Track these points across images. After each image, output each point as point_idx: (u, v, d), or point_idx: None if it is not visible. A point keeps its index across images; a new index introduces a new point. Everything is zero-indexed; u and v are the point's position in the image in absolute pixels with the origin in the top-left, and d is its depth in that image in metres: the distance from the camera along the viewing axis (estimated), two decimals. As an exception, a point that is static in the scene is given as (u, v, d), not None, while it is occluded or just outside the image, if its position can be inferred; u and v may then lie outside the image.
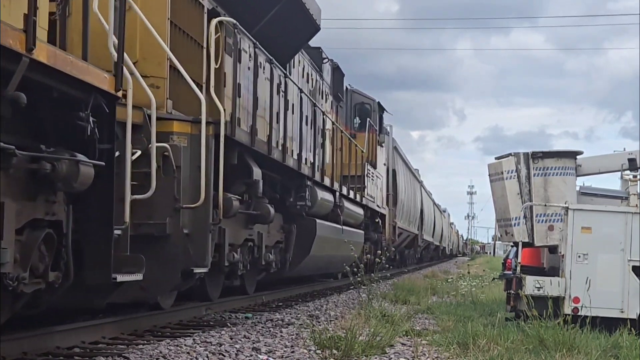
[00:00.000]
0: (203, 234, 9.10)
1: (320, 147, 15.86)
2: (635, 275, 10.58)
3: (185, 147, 8.87)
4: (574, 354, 7.74)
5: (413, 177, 38.32)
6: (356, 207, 19.47)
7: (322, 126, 16.32)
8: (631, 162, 11.71)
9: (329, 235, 16.08)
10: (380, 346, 7.92)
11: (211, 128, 9.16)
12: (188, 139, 8.92)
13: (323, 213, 15.72)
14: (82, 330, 7.83)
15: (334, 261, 17.42)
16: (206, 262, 9.14)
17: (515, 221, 11.33)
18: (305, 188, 14.09)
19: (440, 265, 51.15)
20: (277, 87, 12.22)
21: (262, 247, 12.20)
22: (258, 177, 10.94)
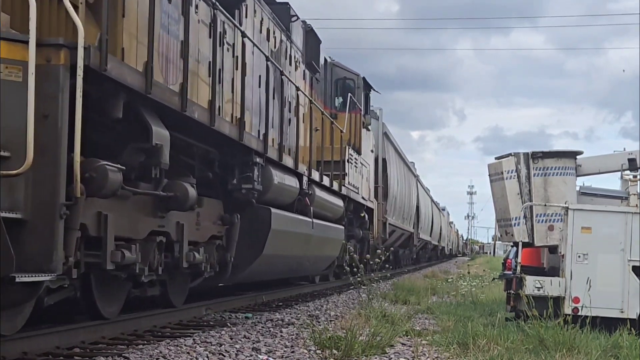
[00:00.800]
0: (46, 219, 6.20)
1: (288, 123, 13.05)
2: (635, 275, 10.58)
3: (17, 84, 5.97)
4: (574, 354, 7.74)
5: (407, 170, 35.00)
6: (333, 198, 16.69)
7: (293, 100, 13.71)
8: (631, 162, 11.71)
9: (292, 230, 13.10)
10: (380, 346, 7.92)
11: (63, 55, 6.23)
12: (25, 70, 5.96)
13: (283, 201, 12.82)
14: (82, 330, 7.82)
15: (305, 262, 15.08)
16: (53, 263, 6.20)
17: (515, 221, 11.33)
18: (254, 167, 11.04)
19: (440, 265, 50.99)
20: (220, 37, 9.58)
21: (184, 243, 9.33)
22: (161, 141, 7.91)
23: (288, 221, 12.82)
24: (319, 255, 14.32)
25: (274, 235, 11.82)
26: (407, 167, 35.35)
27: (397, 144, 31.84)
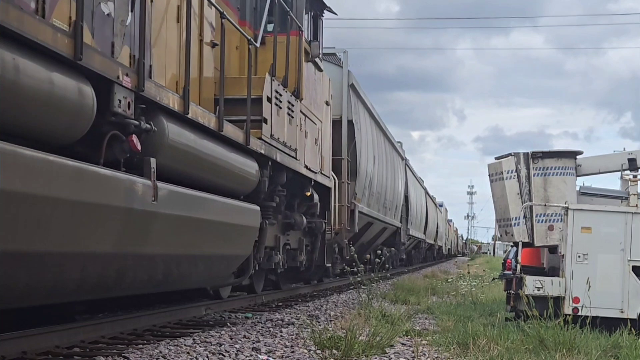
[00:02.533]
0: None
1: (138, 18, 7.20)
2: (635, 275, 10.57)
3: None
4: (574, 354, 7.74)
5: (390, 146, 27.12)
6: (234, 155, 9.90)
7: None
8: (631, 162, 11.70)
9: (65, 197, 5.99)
10: (380, 346, 7.92)
11: None
12: None
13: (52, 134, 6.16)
14: (82, 329, 7.82)
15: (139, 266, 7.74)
16: None
17: (515, 221, 11.33)
18: None
19: (439, 265, 50.81)
20: None
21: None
22: None
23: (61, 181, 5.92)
24: (188, 253, 8.42)
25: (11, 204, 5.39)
26: (390, 142, 27.31)
27: (372, 106, 23.23)
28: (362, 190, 20.48)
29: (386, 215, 25.76)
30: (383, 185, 24.60)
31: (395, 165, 28.39)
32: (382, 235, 26.78)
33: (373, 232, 24.80)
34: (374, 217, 23.09)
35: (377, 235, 25.96)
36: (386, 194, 25.43)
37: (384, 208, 25.15)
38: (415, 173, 39.54)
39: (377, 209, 23.76)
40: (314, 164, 14.19)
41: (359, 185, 19.94)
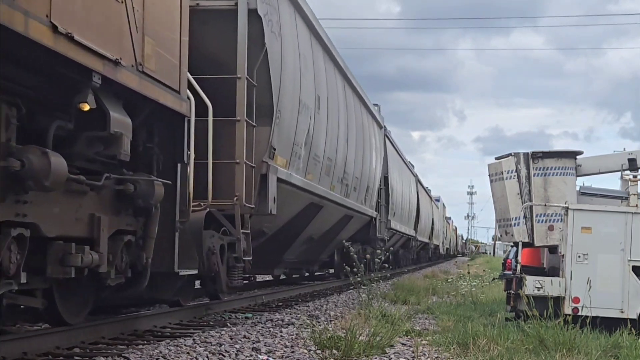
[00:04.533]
0: None
1: None
2: (635, 275, 10.58)
3: None
4: (574, 354, 7.74)
5: (359, 102, 19.40)
6: None
7: None
8: (631, 162, 11.71)
9: None
10: (380, 346, 7.92)
11: None
12: None
13: None
14: (82, 330, 7.82)
15: None
16: None
17: (515, 221, 11.33)
18: None
19: (439, 265, 50.67)
20: None
21: None
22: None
23: None
24: None
25: None
26: (358, 96, 19.41)
27: (320, 24, 14.98)
28: (290, 147, 12.32)
29: (349, 198, 17.92)
30: (341, 152, 16.59)
31: (367, 130, 20.44)
32: (346, 226, 19.07)
33: (327, 221, 16.84)
34: (324, 197, 15.01)
35: (336, 226, 18.11)
36: (347, 166, 17.45)
37: (343, 186, 17.18)
38: (400, 152, 31.68)
39: (330, 185, 15.83)
40: (104, 41, 6.48)
41: (282, 136, 11.72)
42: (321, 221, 16.25)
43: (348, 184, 17.89)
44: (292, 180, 12.60)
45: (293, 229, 14.56)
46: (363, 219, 21.26)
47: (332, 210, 16.64)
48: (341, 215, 18.08)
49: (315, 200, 14.72)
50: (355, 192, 19.01)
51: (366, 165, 20.54)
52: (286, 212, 12.97)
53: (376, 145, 22.72)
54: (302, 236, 15.62)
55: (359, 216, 20.19)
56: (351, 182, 18.23)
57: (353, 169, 18.36)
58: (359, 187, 19.57)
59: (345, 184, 17.61)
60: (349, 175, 17.85)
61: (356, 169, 18.83)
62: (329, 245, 19.18)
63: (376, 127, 23.15)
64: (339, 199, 16.78)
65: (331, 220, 17.42)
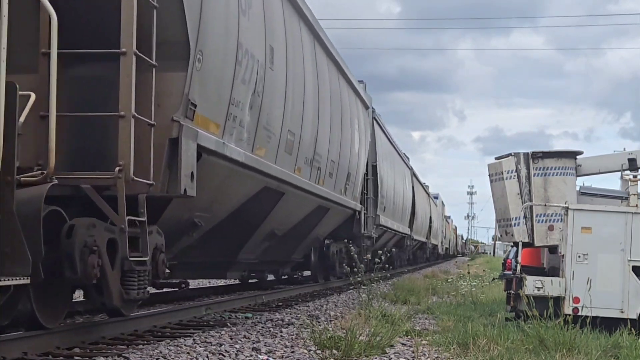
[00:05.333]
0: None
1: None
2: (635, 275, 10.58)
3: None
4: (574, 354, 7.74)
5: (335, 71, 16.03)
6: None
7: None
8: (631, 162, 11.71)
9: None
10: (380, 346, 7.92)
11: None
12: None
13: None
14: (82, 330, 7.82)
15: None
16: None
17: (515, 221, 11.33)
18: None
19: (439, 265, 50.59)
20: None
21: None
22: None
23: None
24: None
25: None
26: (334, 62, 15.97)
27: None
28: (224, 107, 9.06)
29: (322, 185, 14.85)
30: (309, 126, 13.36)
31: (347, 106, 17.28)
32: (322, 221, 16.05)
33: (293, 213, 13.77)
34: (284, 180, 11.83)
35: (308, 219, 14.90)
36: (320, 145, 14.26)
37: (313, 169, 14.02)
38: (393, 140, 28.90)
39: (293, 167, 12.52)
40: None
41: (208, 90, 8.48)
42: (285, 212, 13.08)
43: (320, 168, 14.58)
44: (229, 153, 9.13)
45: (245, 222, 11.54)
46: (344, 212, 17.84)
47: (299, 199, 13.36)
48: (313, 207, 14.70)
49: (272, 185, 11.41)
50: (331, 178, 15.71)
51: (346, 147, 17.01)
52: (229, 199, 10.19)
53: (360, 127, 19.04)
54: (261, 231, 12.52)
55: (338, 209, 16.79)
56: (325, 166, 14.98)
57: (327, 150, 15.04)
58: (337, 173, 16.20)
59: (317, 168, 14.31)
60: (321, 157, 14.54)
61: (332, 151, 15.49)
62: (302, 242, 16.17)
63: (360, 106, 19.56)
64: (307, 185, 13.46)
65: (299, 212, 14.18)
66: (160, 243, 7.98)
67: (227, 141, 9.18)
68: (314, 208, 14.80)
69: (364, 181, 20.84)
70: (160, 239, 8.02)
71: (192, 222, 9.35)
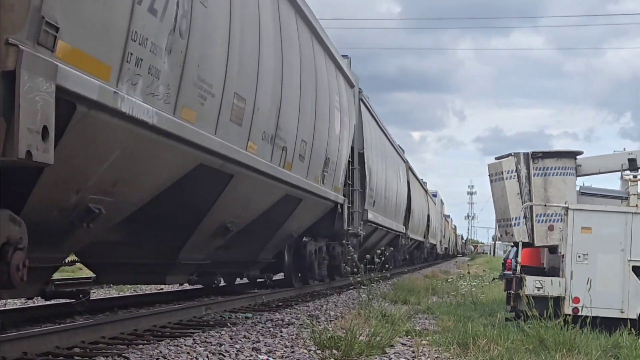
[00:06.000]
0: None
1: None
2: (635, 275, 10.57)
3: None
4: (574, 354, 7.74)
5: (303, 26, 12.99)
6: None
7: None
8: (631, 162, 11.71)
9: None
10: (380, 346, 7.92)
11: None
12: None
13: None
14: (82, 330, 7.82)
15: None
16: None
17: (515, 221, 11.33)
18: None
19: (439, 265, 50.56)
20: None
21: None
22: None
23: None
24: None
25: None
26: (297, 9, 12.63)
27: None
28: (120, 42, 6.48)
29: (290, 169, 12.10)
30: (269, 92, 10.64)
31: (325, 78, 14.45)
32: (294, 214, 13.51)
33: (252, 202, 11.31)
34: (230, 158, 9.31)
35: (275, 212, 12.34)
36: (284, 119, 11.44)
37: (276, 149, 11.23)
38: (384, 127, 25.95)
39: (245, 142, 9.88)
40: None
41: (83, 10, 5.90)
42: (238, 201, 10.53)
43: (287, 149, 11.77)
44: (129, 109, 6.61)
45: (181, 211, 9.33)
46: (322, 205, 15.22)
47: (256, 184, 10.70)
48: (279, 196, 12.08)
49: (213, 163, 8.92)
50: (302, 162, 12.89)
51: (322, 127, 14.16)
52: (145, 178, 7.80)
53: (342, 106, 16.20)
54: (207, 224, 10.04)
55: (313, 200, 14.14)
56: (293, 146, 12.17)
57: (296, 127, 12.24)
58: (310, 157, 13.42)
59: (281, 148, 11.48)
60: (287, 134, 11.71)
61: (303, 129, 12.65)
62: (271, 240, 13.64)
63: (343, 82, 16.78)
64: (266, 167, 10.78)
65: (260, 202, 11.57)
66: (16, 236, 5.66)
67: (127, 92, 6.58)
68: (279, 197, 12.18)
69: (349, 170, 18.40)
70: (17, 230, 5.68)
71: (87, 208, 7.04)
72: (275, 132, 11.15)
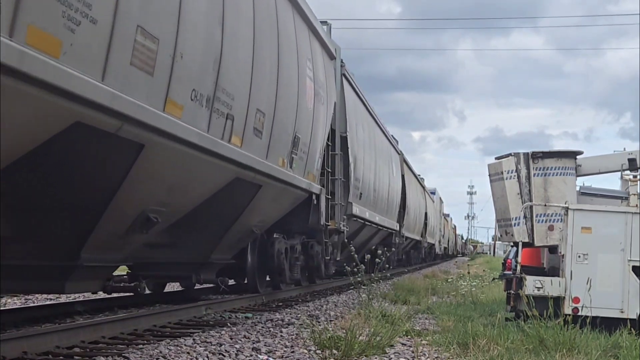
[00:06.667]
0: None
1: None
2: (635, 275, 10.57)
3: None
4: (574, 354, 7.74)
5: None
6: None
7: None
8: (631, 162, 11.71)
9: None
10: (380, 346, 7.91)
11: None
12: None
13: None
14: (82, 329, 7.82)
15: None
16: None
17: (515, 221, 11.32)
18: None
19: (439, 265, 50.54)
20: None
21: None
22: None
23: None
24: None
25: None
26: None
27: None
28: None
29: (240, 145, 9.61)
30: (194, 29, 7.75)
31: (290, 38, 11.84)
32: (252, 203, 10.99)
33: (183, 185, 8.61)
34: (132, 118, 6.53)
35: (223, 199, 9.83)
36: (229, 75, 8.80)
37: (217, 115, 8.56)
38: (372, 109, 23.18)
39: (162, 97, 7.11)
40: None
41: None
42: (159, 181, 7.91)
43: (233, 117, 9.05)
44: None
45: (64, 193, 6.85)
46: (292, 194, 12.72)
47: (188, 161, 8.10)
48: (226, 179, 9.58)
49: (102, 123, 6.25)
50: (259, 138, 10.22)
51: (288, 96, 11.57)
52: None
53: (317, 76, 13.78)
54: (116, 212, 7.42)
55: (279, 187, 11.72)
56: (245, 115, 9.51)
57: (248, 90, 9.56)
58: (272, 132, 10.80)
59: (224, 115, 8.77)
60: (234, 99, 9.02)
61: (259, 95, 9.94)
62: (226, 236, 11.03)
63: (320, 49, 14.39)
64: (201, 139, 8.05)
65: (199, 186, 9.08)
66: None
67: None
68: (227, 181, 9.60)
69: (328, 156, 15.85)
70: None
71: None
72: (213, 93, 8.33)
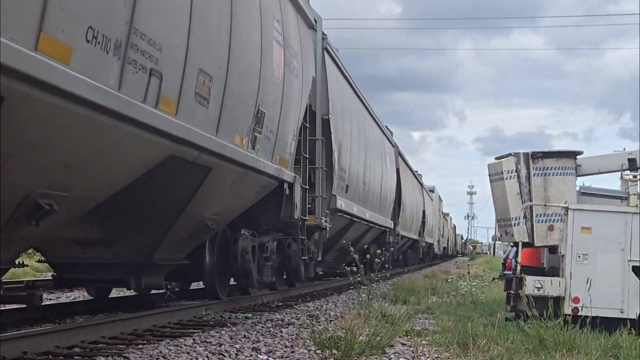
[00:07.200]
0: None
1: None
2: (635, 275, 10.57)
3: None
4: (574, 354, 7.74)
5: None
6: None
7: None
8: (631, 162, 11.70)
9: None
10: (380, 346, 7.91)
11: None
12: None
13: None
14: (82, 329, 7.82)
15: None
16: None
17: (515, 221, 11.32)
18: None
19: (439, 265, 50.53)
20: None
21: None
22: None
23: None
24: None
25: None
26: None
27: None
28: None
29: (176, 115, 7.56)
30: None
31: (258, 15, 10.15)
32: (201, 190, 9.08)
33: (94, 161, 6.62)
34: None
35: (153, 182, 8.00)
36: (150, 17, 6.69)
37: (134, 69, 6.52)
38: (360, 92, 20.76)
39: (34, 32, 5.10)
40: None
41: None
42: (46, 155, 5.98)
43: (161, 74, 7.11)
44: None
45: None
46: (256, 181, 10.89)
47: (88, 128, 6.17)
48: (157, 157, 7.70)
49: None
50: (205, 108, 8.36)
51: (249, 60, 9.81)
52: None
53: (290, 43, 11.95)
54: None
55: (237, 172, 9.93)
56: (181, 75, 7.61)
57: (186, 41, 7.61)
58: (223, 101, 8.88)
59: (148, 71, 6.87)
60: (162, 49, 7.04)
61: (202, 50, 8.08)
62: (170, 231, 9.25)
63: (293, 11, 12.58)
64: (105, 97, 6.13)
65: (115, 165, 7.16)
66: None
67: None
68: (158, 160, 7.72)
69: (306, 140, 14.19)
70: None
71: None
72: (127, 37, 6.34)
